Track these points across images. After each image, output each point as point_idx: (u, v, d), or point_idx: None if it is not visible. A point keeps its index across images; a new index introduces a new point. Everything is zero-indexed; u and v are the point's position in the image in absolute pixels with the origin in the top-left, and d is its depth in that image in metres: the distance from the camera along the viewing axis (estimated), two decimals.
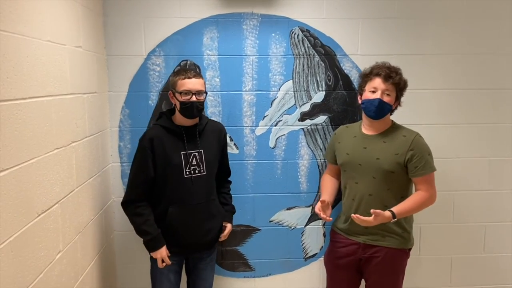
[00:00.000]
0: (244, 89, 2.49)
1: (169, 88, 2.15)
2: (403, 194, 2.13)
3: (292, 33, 2.46)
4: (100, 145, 2.28)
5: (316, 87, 2.52)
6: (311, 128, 2.54)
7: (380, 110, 2.08)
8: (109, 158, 2.46)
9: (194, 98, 2.04)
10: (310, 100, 2.53)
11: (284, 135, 2.55)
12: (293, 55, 2.48)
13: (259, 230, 2.60)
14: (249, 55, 2.47)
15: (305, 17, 2.46)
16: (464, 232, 2.67)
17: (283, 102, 2.52)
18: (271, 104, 2.52)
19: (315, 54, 2.49)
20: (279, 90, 2.51)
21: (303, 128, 2.54)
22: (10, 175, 1.33)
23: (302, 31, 2.47)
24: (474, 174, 2.62)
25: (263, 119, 2.53)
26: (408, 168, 2.09)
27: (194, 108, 2.05)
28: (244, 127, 2.52)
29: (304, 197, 2.57)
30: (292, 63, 2.49)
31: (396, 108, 2.20)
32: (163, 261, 2.05)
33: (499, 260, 2.71)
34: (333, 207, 2.28)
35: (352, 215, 2.01)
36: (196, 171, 2.10)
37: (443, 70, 2.53)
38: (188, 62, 2.44)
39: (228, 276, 2.63)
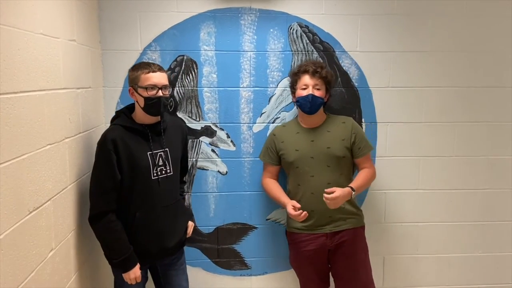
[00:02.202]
0: (241, 86, 2.46)
1: (128, 84, 1.97)
2: (351, 177, 2.31)
3: (290, 29, 2.43)
4: (94, 141, 2.23)
5: None
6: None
7: (314, 104, 2.19)
8: None
9: (160, 93, 1.89)
10: None
11: None
12: (292, 51, 2.45)
13: (255, 228, 2.58)
14: (246, 51, 2.43)
15: (303, 13, 2.43)
16: (462, 232, 2.65)
17: (281, 99, 2.49)
18: (269, 101, 2.49)
19: (314, 50, 2.46)
20: (277, 87, 2.48)
21: None
22: (1, 171, 1.29)
23: (301, 27, 2.44)
24: (472, 173, 2.60)
25: (260, 116, 2.50)
26: (353, 150, 2.27)
27: (161, 104, 1.91)
28: (241, 124, 2.49)
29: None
30: (290, 59, 2.46)
31: (327, 101, 2.31)
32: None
33: (497, 259, 2.70)
34: None
35: (325, 195, 2.05)
36: (163, 172, 1.98)
37: (442, 67, 2.51)
38: (185, 57, 2.41)
39: (224, 274, 2.61)
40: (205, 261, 2.59)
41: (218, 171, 2.52)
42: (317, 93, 2.19)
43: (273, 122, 2.50)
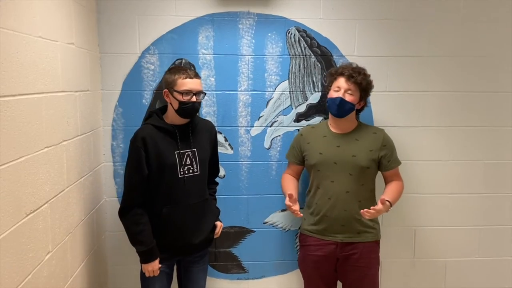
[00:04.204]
0: (239, 89, 2.47)
1: (163, 86, 2.07)
2: (372, 188, 2.26)
3: (288, 33, 2.44)
4: (92, 144, 2.24)
5: (312, 88, 2.50)
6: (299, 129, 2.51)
7: (342, 108, 2.15)
8: (102, 157, 2.42)
9: (194, 99, 1.99)
10: (306, 101, 2.51)
11: (279, 136, 2.52)
12: (289, 55, 2.46)
13: (253, 231, 2.58)
14: (245, 55, 2.44)
15: (301, 17, 2.44)
16: (458, 236, 2.66)
17: (278, 102, 2.50)
18: (267, 105, 2.50)
19: (312, 54, 2.47)
20: (274, 91, 2.49)
21: (298, 129, 2.52)
22: None
23: (299, 31, 2.45)
24: (469, 177, 2.61)
25: (258, 120, 2.51)
26: (382, 163, 2.22)
27: (194, 109, 2.02)
28: (239, 128, 2.50)
29: (299, 199, 2.54)
30: (288, 63, 2.47)
31: (362, 108, 2.28)
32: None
33: (496, 263, 2.70)
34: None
35: (362, 211, 2.02)
36: (190, 171, 2.06)
37: (439, 72, 2.52)
38: (183, 61, 2.42)
39: (221, 278, 2.60)
40: None
41: None
42: (348, 98, 2.14)
43: (270, 126, 2.51)
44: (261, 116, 2.50)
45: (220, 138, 2.49)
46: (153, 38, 2.38)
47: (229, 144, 2.51)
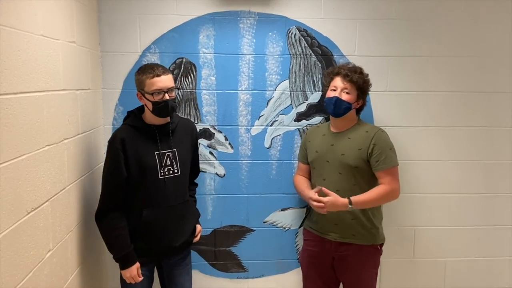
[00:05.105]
0: (240, 88, 2.47)
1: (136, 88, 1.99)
2: (367, 190, 2.15)
3: (289, 33, 2.45)
4: (93, 143, 2.25)
5: (312, 87, 2.50)
6: (307, 128, 2.52)
7: (338, 107, 2.14)
8: (102, 156, 2.41)
9: (167, 97, 1.91)
10: (306, 100, 2.51)
11: (279, 135, 2.53)
12: (290, 54, 2.46)
13: (253, 230, 2.58)
14: (245, 54, 2.45)
15: (302, 17, 2.44)
16: (458, 236, 2.66)
17: (279, 102, 2.50)
18: (267, 104, 2.50)
19: (312, 54, 2.47)
20: (275, 90, 2.49)
21: (298, 129, 2.53)
22: (0, 172, 1.30)
23: (299, 31, 2.45)
24: (469, 177, 2.62)
25: (258, 119, 2.51)
26: (370, 163, 2.15)
27: (169, 107, 1.93)
28: (240, 127, 2.50)
29: (299, 198, 2.55)
30: (288, 63, 2.47)
31: (361, 107, 2.25)
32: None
33: (495, 263, 2.70)
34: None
35: (311, 196, 2.06)
36: (170, 172, 2.00)
37: (440, 72, 2.52)
38: (184, 60, 2.42)
39: (221, 277, 2.61)
40: (202, 263, 2.59)
41: (216, 174, 2.53)
42: (344, 97, 2.14)
43: (271, 125, 2.51)
44: (261, 116, 2.51)
45: (220, 137, 2.49)
46: (154, 37, 2.39)
47: (230, 143, 2.51)
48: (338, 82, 2.17)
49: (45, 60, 1.63)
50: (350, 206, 2.05)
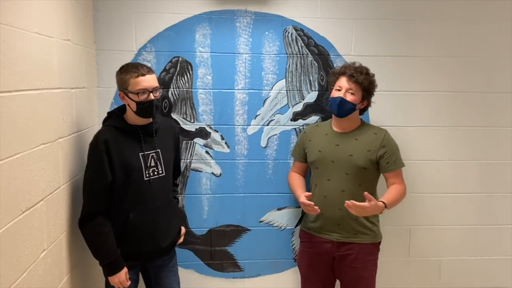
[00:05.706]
0: (236, 88, 2.46)
1: (118, 88, 1.94)
2: (372, 190, 2.21)
3: (285, 32, 2.44)
4: (88, 142, 2.21)
5: (309, 87, 2.50)
6: (303, 128, 2.52)
7: (342, 108, 2.14)
8: None
9: (151, 96, 1.87)
10: (303, 100, 2.51)
11: (276, 134, 2.52)
12: (287, 54, 2.46)
13: (249, 230, 2.58)
14: (242, 53, 2.44)
15: (299, 16, 2.44)
16: (455, 235, 2.67)
17: (275, 101, 2.50)
18: (264, 103, 2.50)
19: (309, 53, 2.47)
20: (271, 89, 2.49)
21: (295, 128, 2.52)
22: None
23: (296, 30, 2.45)
24: (466, 177, 2.63)
25: (255, 118, 2.50)
26: (380, 164, 2.17)
27: (154, 107, 1.89)
28: (236, 126, 2.50)
29: (295, 197, 2.55)
30: (285, 62, 2.47)
31: (365, 108, 2.26)
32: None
33: (490, 262, 2.72)
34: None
35: (347, 201, 1.94)
36: (155, 173, 1.96)
37: (436, 72, 2.53)
38: (180, 58, 2.41)
39: (216, 277, 2.60)
40: (197, 263, 2.58)
41: (212, 173, 2.52)
42: (349, 98, 2.13)
43: (267, 125, 2.51)
44: (258, 115, 2.50)
45: (216, 136, 2.49)
46: (149, 35, 2.37)
47: (226, 143, 2.50)
48: (343, 82, 2.15)
49: (40, 58, 1.62)
50: (385, 209, 2.04)
